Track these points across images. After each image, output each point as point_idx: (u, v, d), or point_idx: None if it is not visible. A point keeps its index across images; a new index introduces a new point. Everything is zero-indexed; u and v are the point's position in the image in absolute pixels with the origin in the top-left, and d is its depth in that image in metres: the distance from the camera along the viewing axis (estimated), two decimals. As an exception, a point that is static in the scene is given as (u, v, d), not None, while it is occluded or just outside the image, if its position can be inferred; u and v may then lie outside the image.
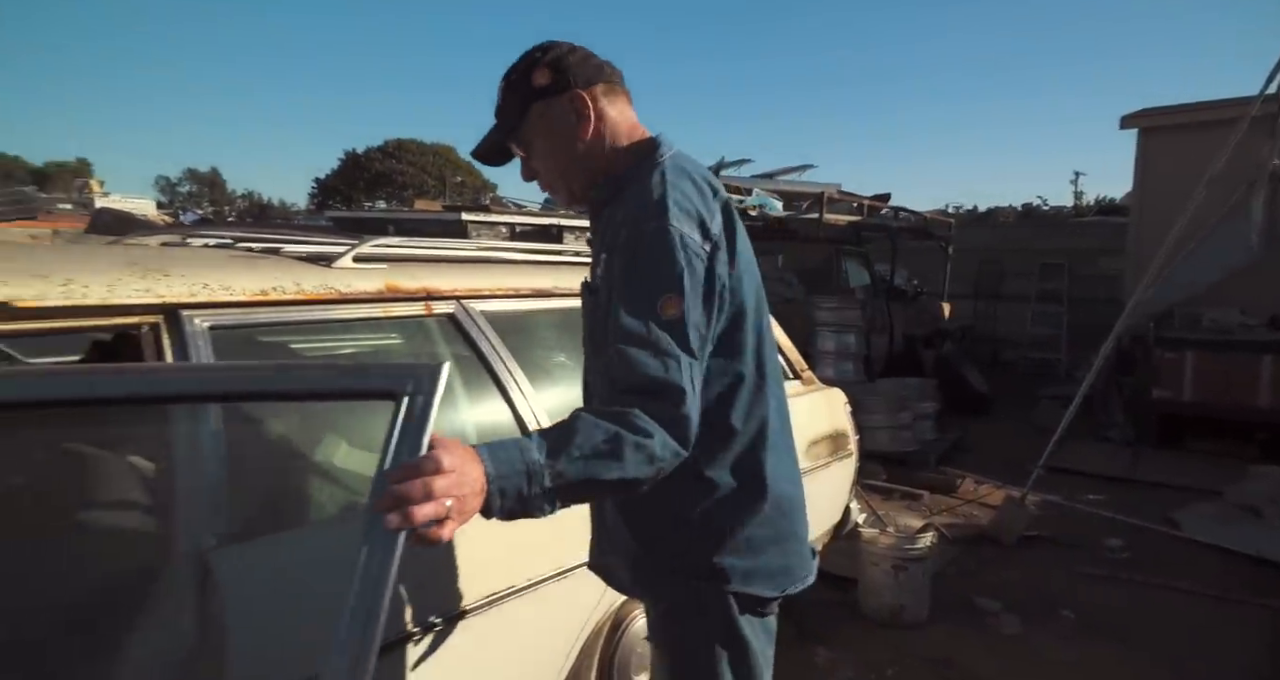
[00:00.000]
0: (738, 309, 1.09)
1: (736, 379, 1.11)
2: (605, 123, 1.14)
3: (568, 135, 1.13)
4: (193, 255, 1.56)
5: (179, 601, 1.08)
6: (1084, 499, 4.25)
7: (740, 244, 1.10)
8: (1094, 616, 2.90)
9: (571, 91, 1.12)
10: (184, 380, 0.93)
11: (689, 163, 1.13)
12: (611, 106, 1.15)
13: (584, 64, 1.14)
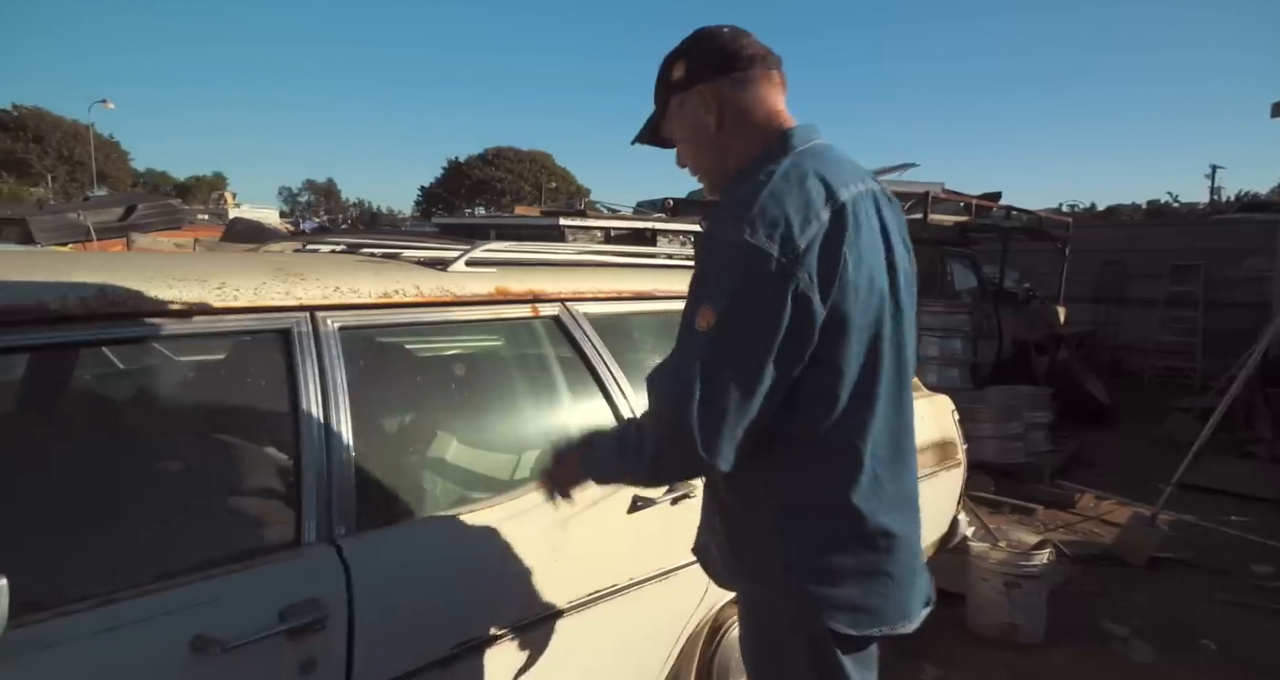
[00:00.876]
0: (834, 322, 0.99)
1: (825, 395, 1.03)
2: (733, 116, 1.11)
3: (701, 128, 1.13)
4: (324, 260, 1.68)
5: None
6: (1226, 520, 3.88)
7: (850, 253, 1.00)
8: (1238, 648, 2.65)
9: (700, 85, 1.11)
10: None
11: (815, 160, 1.05)
12: (744, 98, 1.11)
13: (718, 55, 1.12)
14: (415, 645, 1.25)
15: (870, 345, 1.04)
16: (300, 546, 1.18)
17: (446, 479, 1.60)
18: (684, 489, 1.74)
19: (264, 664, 1.06)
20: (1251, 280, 7.11)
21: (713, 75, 1.11)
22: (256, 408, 1.33)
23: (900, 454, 1.12)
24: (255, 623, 1.05)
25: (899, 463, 1.11)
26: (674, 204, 10.00)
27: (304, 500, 1.22)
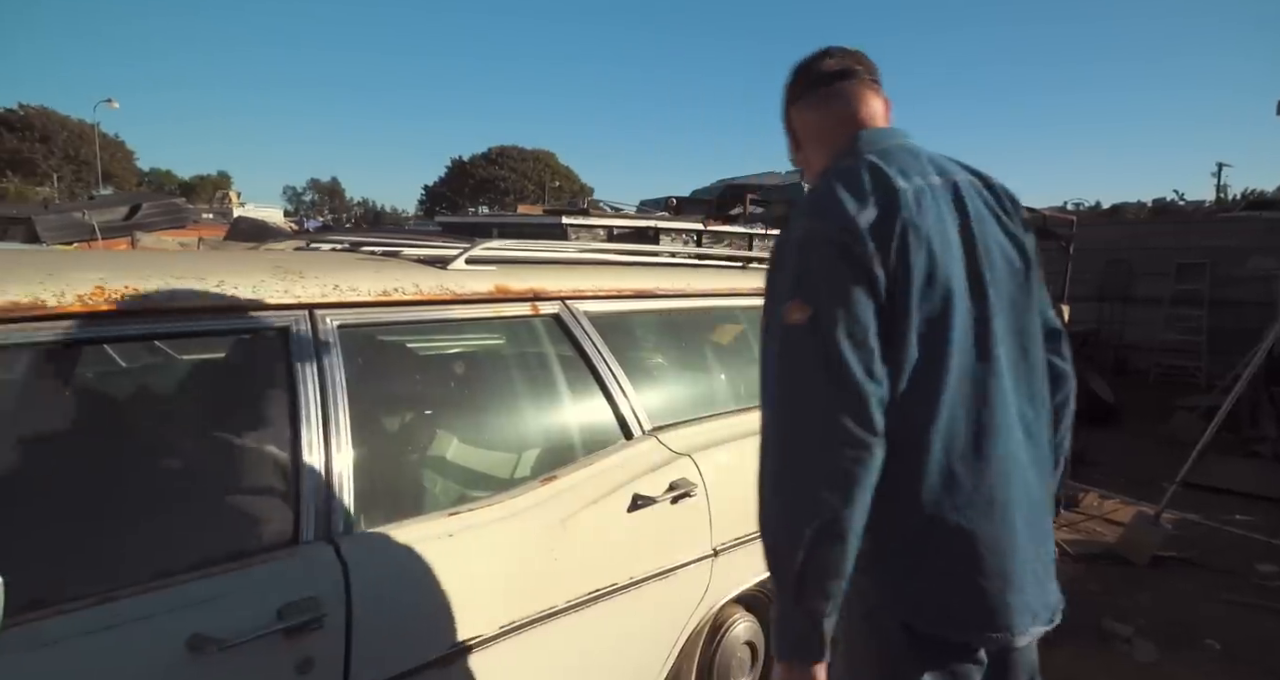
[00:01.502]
0: (895, 307, 0.98)
1: (890, 378, 0.99)
2: (807, 135, 1.21)
3: (805, 138, 1.23)
4: (324, 259, 1.67)
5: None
6: (1230, 519, 3.86)
7: (908, 239, 0.99)
8: (1242, 648, 2.63)
9: (799, 101, 1.21)
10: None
11: (880, 158, 1.08)
12: (812, 118, 1.20)
13: (793, 85, 1.22)
14: (413, 644, 1.25)
15: (931, 334, 1.00)
16: (298, 545, 1.18)
17: (446, 477, 1.60)
18: (685, 487, 1.74)
19: (261, 663, 1.06)
20: (1257, 278, 7.06)
21: (789, 103, 1.23)
22: (255, 406, 1.33)
23: (985, 452, 1.03)
24: (252, 621, 1.05)
25: (982, 461, 1.02)
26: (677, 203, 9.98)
27: (302, 499, 1.22)
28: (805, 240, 1.00)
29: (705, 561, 1.78)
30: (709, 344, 2.31)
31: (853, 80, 1.19)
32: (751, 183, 9.45)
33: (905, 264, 0.99)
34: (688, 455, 1.81)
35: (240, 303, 1.25)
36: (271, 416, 1.28)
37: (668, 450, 1.80)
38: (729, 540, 1.83)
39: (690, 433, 1.90)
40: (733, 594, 1.86)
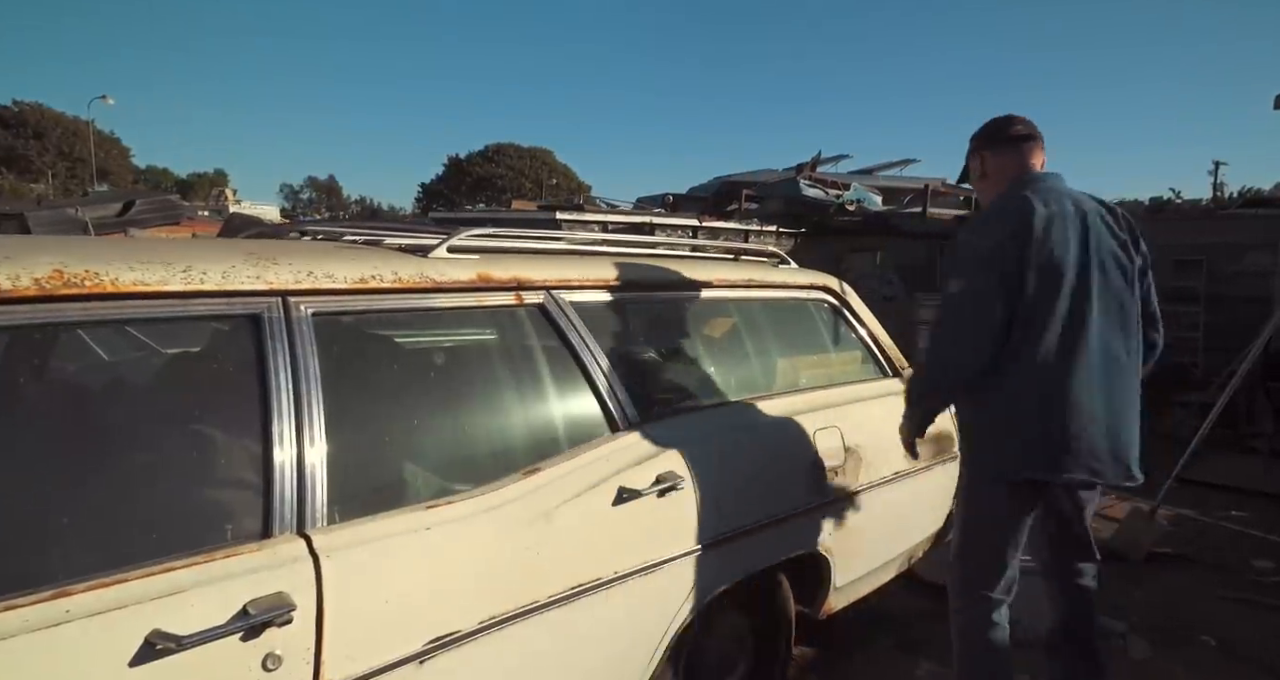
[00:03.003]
0: (1024, 284, 1.71)
1: (1019, 333, 1.73)
2: (997, 168, 1.93)
3: (989, 172, 1.96)
4: (299, 246, 1.64)
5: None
6: (1225, 515, 3.84)
7: (1036, 246, 1.72)
8: (1238, 644, 2.61)
9: (991, 149, 1.95)
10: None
11: (1032, 191, 1.79)
12: (997, 161, 1.93)
13: (988, 135, 1.96)
14: (388, 640, 1.22)
15: (1047, 300, 1.72)
16: (268, 538, 1.15)
17: (425, 470, 1.56)
18: (671, 481, 1.71)
19: (223, 659, 1.02)
20: (1253, 275, 7.03)
21: (983, 148, 1.96)
22: (225, 395, 1.30)
23: (1068, 364, 1.74)
24: (215, 618, 1.02)
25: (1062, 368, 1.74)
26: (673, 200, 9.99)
27: (273, 491, 1.18)
28: (967, 241, 1.87)
29: (692, 556, 1.74)
30: (698, 336, 2.27)
31: (1029, 142, 1.91)
32: (748, 180, 9.46)
33: (1031, 261, 1.71)
34: (674, 448, 1.78)
35: (208, 289, 1.21)
36: (242, 406, 1.24)
37: (654, 443, 1.77)
38: (716, 534, 1.79)
39: (677, 425, 1.87)
40: (722, 588, 1.83)
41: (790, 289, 2.55)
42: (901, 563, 2.56)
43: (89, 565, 0.99)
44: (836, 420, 2.24)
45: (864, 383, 2.54)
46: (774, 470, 1.98)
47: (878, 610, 2.69)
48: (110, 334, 1.66)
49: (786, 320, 2.57)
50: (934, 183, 6.47)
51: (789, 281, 2.54)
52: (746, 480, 1.91)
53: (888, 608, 2.78)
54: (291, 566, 1.12)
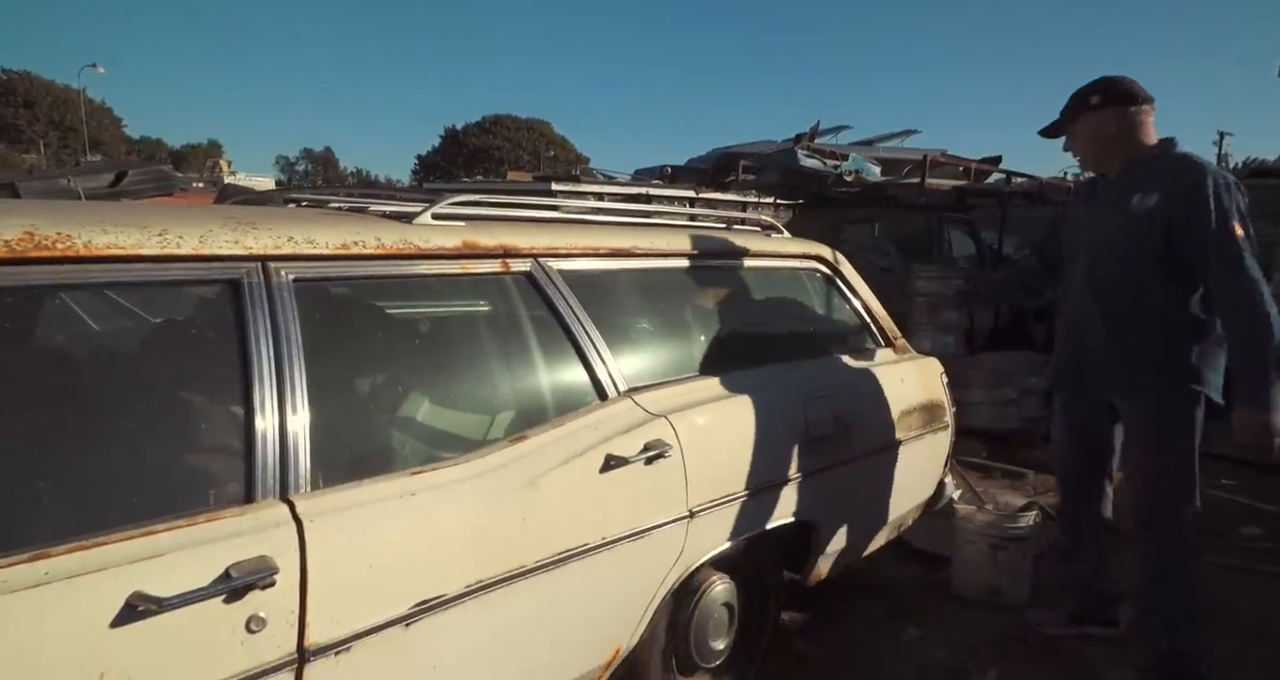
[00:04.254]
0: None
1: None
2: (1135, 128, 2.10)
3: (1133, 128, 2.10)
4: (280, 212, 1.62)
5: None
6: (1215, 483, 3.87)
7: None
8: (1226, 609, 2.64)
9: (1128, 109, 2.09)
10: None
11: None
12: (1147, 119, 2.10)
13: (1141, 93, 2.09)
14: (373, 602, 1.23)
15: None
16: (251, 503, 1.15)
17: (411, 438, 1.57)
18: (660, 448, 1.71)
19: (205, 622, 1.03)
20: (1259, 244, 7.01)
21: (1133, 103, 2.08)
22: (206, 361, 1.29)
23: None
24: (197, 580, 1.02)
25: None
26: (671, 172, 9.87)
27: (255, 457, 1.18)
28: (1235, 186, 1.96)
29: (680, 522, 1.75)
30: (689, 305, 2.26)
31: (1151, 104, 2.11)
32: (747, 151, 9.33)
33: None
34: (664, 416, 1.78)
35: (185, 253, 1.20)
36: (224, 372, 1.24)
37: (643, 411, 1.77)
38: (705, 502, 1.80)
39: (667, 394, 1.86)
40: (709, 555, 1.85)
41: (783, 259, 2.53)
42: (891, 531, 2.58)
43: (69, 528, 0.99)
44: (828, 390, 2.24)
45: (856, 353, 2.54)
46: (764, 439, 1.98)
47: (867, 577, 2.73)
48: (95, 301, 1.65)
49: (779, 290, 2.56)
50: (934, 154, 6.40)
51: (782, 251, 2.52)
52: (736, 448, 1.91)
53: (877, 575, 2.81)
54: (274, 531, 1.12)
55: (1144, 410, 2.13)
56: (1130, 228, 2.05)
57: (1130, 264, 2.06)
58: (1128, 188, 2.07)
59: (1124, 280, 2.09)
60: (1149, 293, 2.06)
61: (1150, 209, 2.00)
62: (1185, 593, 2.13)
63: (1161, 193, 1.99)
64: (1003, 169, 7.26)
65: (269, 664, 1.09)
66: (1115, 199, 2.11)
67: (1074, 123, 2.14)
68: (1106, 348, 2.14)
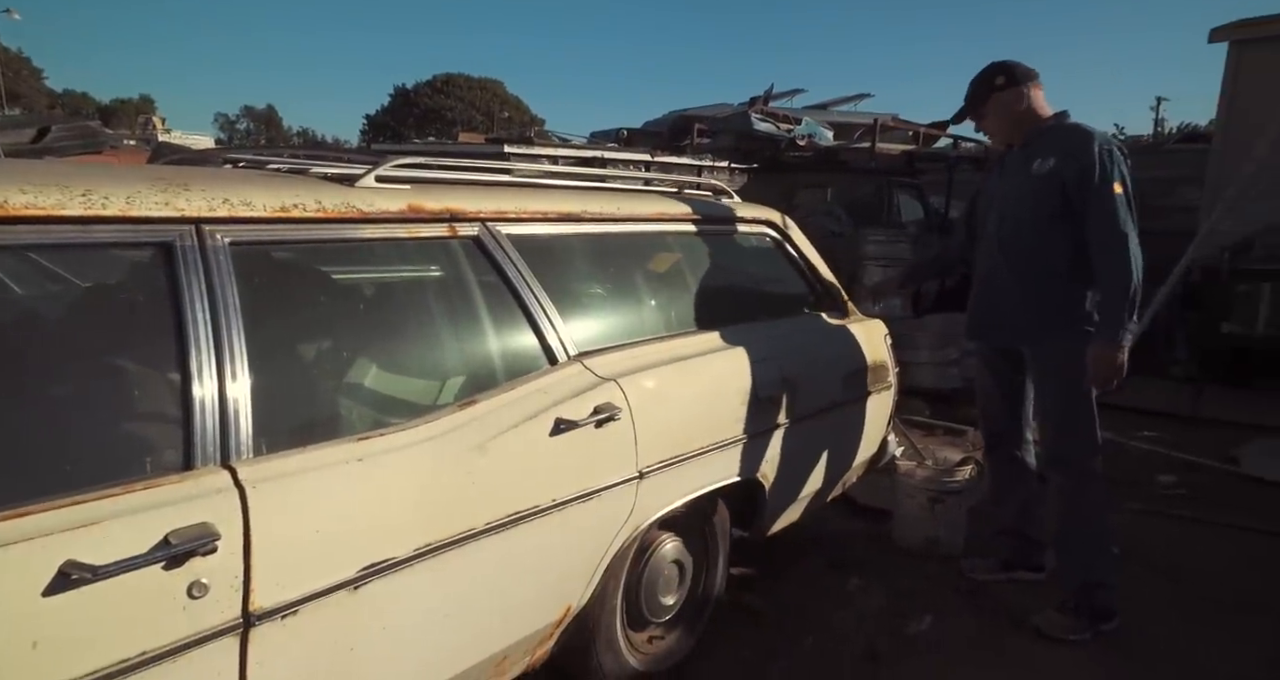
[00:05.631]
0: None
1: None
2: (1034, 104, 2.33)
3: (1032, 103, 2.33)
4: (217, 173, 1.56)
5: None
6: (1138, 435, 4.10)
7: None
8: (1140, 552, 2.83)
9: (1024, 86, 2.31)
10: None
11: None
12: (1040, 94, 2.34)
13: (1032, 71, 2.33)
14: (320, 566, 1.23)
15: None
16: (190, 470, 1.14)
17: (358, 404, 1.56)
18: (609, 412, 1.73)
19: (144, 589, 1.02)
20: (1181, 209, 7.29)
21: (1029, 81, 2.31)
22: (139, 326, 1.25)
23: None
24: (134, 547, 1.01)
25: None
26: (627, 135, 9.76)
27: (194, 423, 1.16)
28: (1117, 150, 2.17)
29: (630, 483, 1.79)
30: (639, 270, 2.27)
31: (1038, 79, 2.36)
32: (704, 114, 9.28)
33: None
34: (613, 380, 1.80)
35: (111, 214, 1.15)
36: (158, 338, 1.20)
37: (593, 375, 1.78)
38: (655, 462, 1.84)
39: (617, 358, 1.88)
40: (659, 514, 1.89)
41: (733, 223, 2.55)
42: (837, 487, 2.68)
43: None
44: (775, 352, 2.29)
45: (804, 316, 2.59)
46: (713, 400, 2.02)
47: (814, 532, 2.83)
48: (19, 265, 1.58)
49: (729, 254, 2.58)
50: (884, 118, 6.46)
51: (732, 215, 2.54)
52: (685, 410, 1.95)
53: (824, 530, 2.92)
54: (215, 497, 1.11)
55: (1048, 354, 2.31)
56: (1031, 190, 2.26)
57: (1032, 221, 2.27)
58: (1029, 155, 2.29)
59: (1027, 236, 2.29)
60: (1049, 247, 2.25)
61: (1049, 171, 2.22)
62: (1097, 527, 2.32)
63: (1057, 156, 2.21)
64: (950, 133, 7.38)
65: (212, 628, 1.09)
66: (1018, 165, 2.32)
67: (986, 105, 2.35)
68: (1013, 299, 2.33)
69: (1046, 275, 2.27)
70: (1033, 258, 2.29)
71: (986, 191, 2.51)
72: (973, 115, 2.42)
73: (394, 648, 1.37)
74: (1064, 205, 2.21)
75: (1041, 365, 2.35)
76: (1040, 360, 2.35)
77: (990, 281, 2.42)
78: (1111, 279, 2.13)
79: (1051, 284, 2.27)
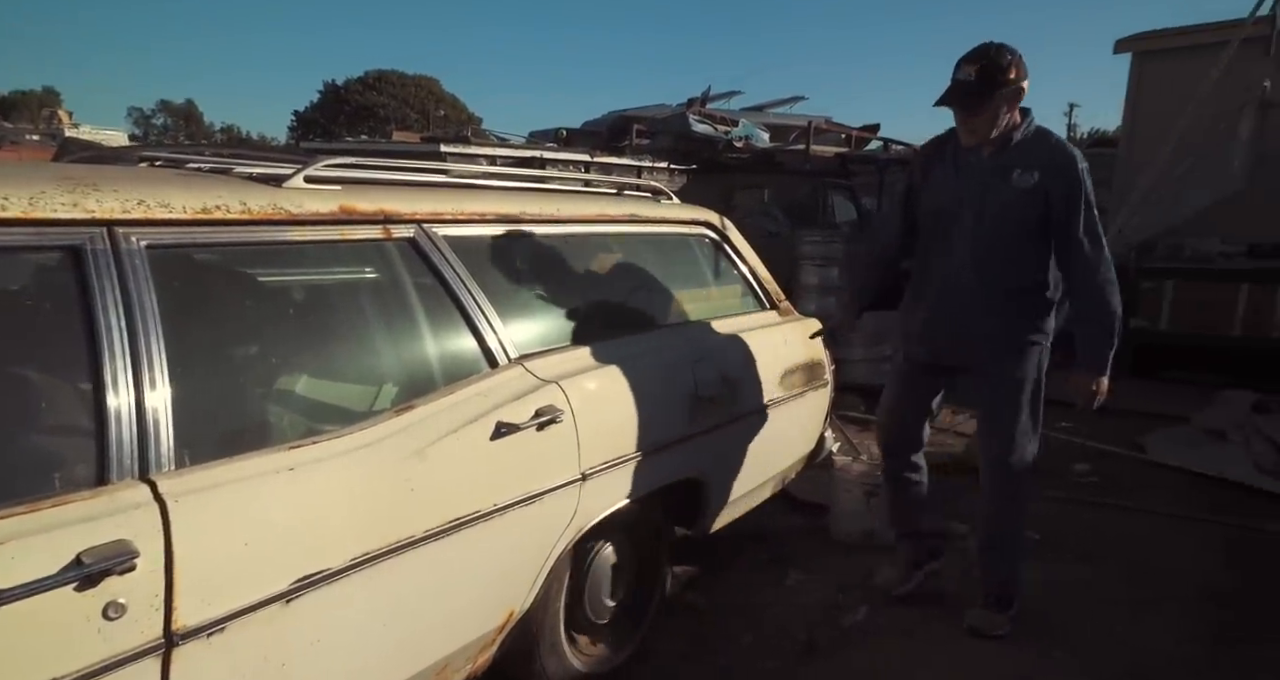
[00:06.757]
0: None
1: None
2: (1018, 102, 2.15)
3: (1016, 100, 2.11)
4: (130, 172, 1.49)
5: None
6: (1056, 426, 4.32)
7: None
8: (1058, 537, 2.99)
9: (1022, 83, 2.07)
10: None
11: None
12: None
13: (1025, 71, 2.09)
14: (250, 582, 1.19)
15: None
16: (105, 485, 1.08)
17: (290, 411, 1.51)
18: (551, 414, 1.72)
19: (55, 611, 0.97)
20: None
21: (1024, 78, 2.06)
22: (46, 334, 1.18)
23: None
24: (42, 569, 0.95)
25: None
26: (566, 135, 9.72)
27: (109, 437, 1.10)
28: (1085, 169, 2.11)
29: (573, 485, 1.79)
30: (580, 271, 2.27)
31: None
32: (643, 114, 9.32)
33: None
34: (555, 382, 1.79)
35: (10, 216, 1.08)
36: (67, 347, 1.14)
37: (534, 378, 1.77)
38: (597, 464, 1.84)
39: (558, 360, 1.87)
40: (602, 515, 1.90)
41: (672, 224, 2.57)
42: (776, 483, 2.73)
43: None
44: (715, 352, 2.32)
45: (743, 316, 2.63)
46: (654, 401, 2.03)
47: (754, 528, 2.88)
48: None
49: (669, 255, 2.60)
50: (818, 120, 6.63)
51: (671, 217, 2.56)
52: (627, 411, 1.96)
53: (763, 525, 2.97)
54: (132, 513, 1.06)
55: (1011, 368, 2.21)
56: (1014, 202, 2.10)
57: (1014, 235, 2.13)
58: (1005, 163, 2.10)
59: (1004, 250, 2.14)
60: (1026, 262, 2.16)
61: (1033, 186, 2.07)
62: (1021, 525, 2.42)
63: (1041, 171, 2.06)
64: (881, 136, 7.62)
65: (131, 650, 1.04)
66: (991, 171, 2.12)
67: (993, 98, 2.02)
68: (980, 313, 2.18)
69: (1020, 291, 2.17)
70: (1007, 272, 2.15)
71: (939, 190, 2.22)
72: (969, 107, 2.07)
73: (329, 661, 1.33)
74: (1043, 222, 2.10)
75: (1000, 378, 2.23)
76: (1000, 374, 2.23)
77: (953, 294, 2.22)
78: (1101, 310, 2.10)
79: (1023, 299, 2.18)
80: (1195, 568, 2.78)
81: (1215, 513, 3.22)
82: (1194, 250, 5.47)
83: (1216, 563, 2.82)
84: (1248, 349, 5.09)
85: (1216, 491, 3.48)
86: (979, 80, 2.01)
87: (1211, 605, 2.51)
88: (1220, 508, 3.28)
